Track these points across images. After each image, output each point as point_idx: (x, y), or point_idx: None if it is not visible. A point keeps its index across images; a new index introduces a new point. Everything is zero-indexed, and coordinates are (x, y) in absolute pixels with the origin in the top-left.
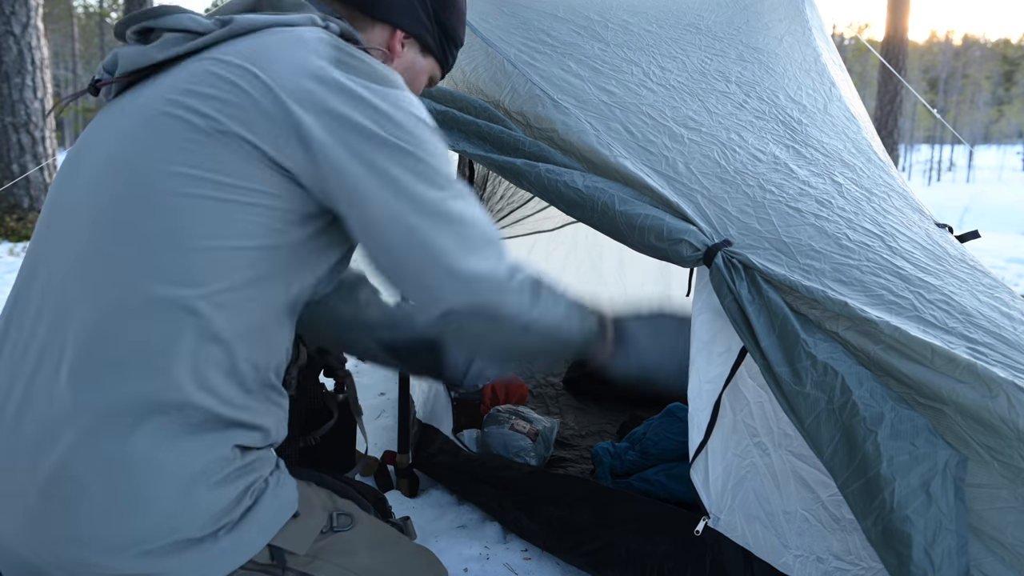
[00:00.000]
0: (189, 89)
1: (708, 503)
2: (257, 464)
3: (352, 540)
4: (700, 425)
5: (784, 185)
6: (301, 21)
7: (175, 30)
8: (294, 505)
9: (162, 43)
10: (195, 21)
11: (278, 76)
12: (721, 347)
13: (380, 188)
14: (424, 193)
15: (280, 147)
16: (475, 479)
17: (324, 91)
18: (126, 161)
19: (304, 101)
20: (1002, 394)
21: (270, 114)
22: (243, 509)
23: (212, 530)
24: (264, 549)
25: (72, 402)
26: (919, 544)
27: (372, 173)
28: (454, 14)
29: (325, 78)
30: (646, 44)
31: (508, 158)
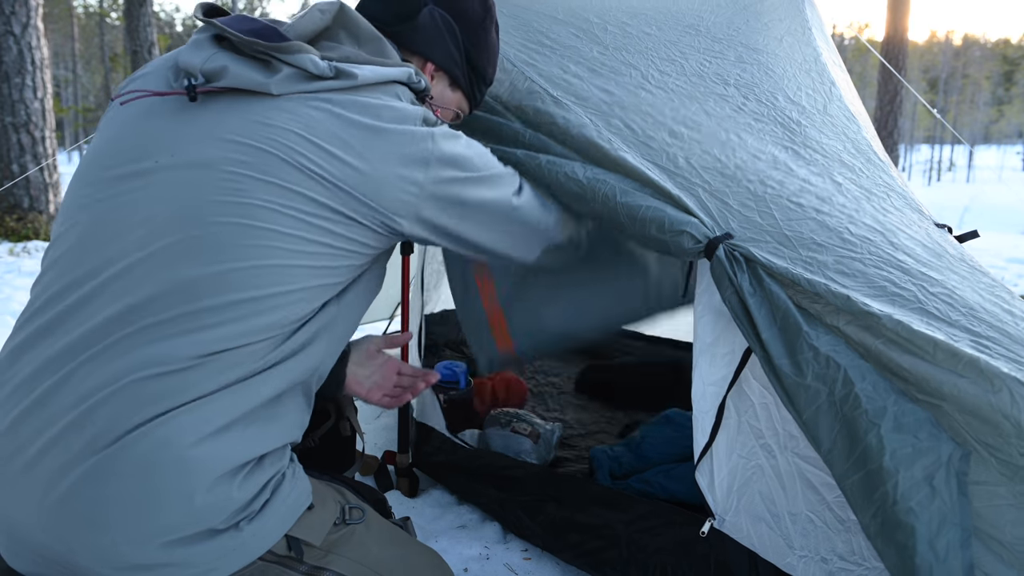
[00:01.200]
0: (307, 138)
1: (714, 504)
2: (277, 459)
3: (364, 534)
4: (704, 427)
5: (785, 182)
6: (400, 76)
7: (295, 67)
8: (309, 497)
9: (282, 80)
10: (315, 65)
11: (393, 156)
12: (724, 349)
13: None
14: (506, 194)
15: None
16: (475, 478)
17: (434, 166)
18: (230, 189)
19: (415, 176)
20: (1005, 389)
21: (384, 187)
22: (263, 501)
23: (235, 521)
24: (282, 540)
25: (114, 387)
26: (923, 536)
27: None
28: (485, 54)
29: (431, 153)
30: (645, 47)
31: (508, 149)
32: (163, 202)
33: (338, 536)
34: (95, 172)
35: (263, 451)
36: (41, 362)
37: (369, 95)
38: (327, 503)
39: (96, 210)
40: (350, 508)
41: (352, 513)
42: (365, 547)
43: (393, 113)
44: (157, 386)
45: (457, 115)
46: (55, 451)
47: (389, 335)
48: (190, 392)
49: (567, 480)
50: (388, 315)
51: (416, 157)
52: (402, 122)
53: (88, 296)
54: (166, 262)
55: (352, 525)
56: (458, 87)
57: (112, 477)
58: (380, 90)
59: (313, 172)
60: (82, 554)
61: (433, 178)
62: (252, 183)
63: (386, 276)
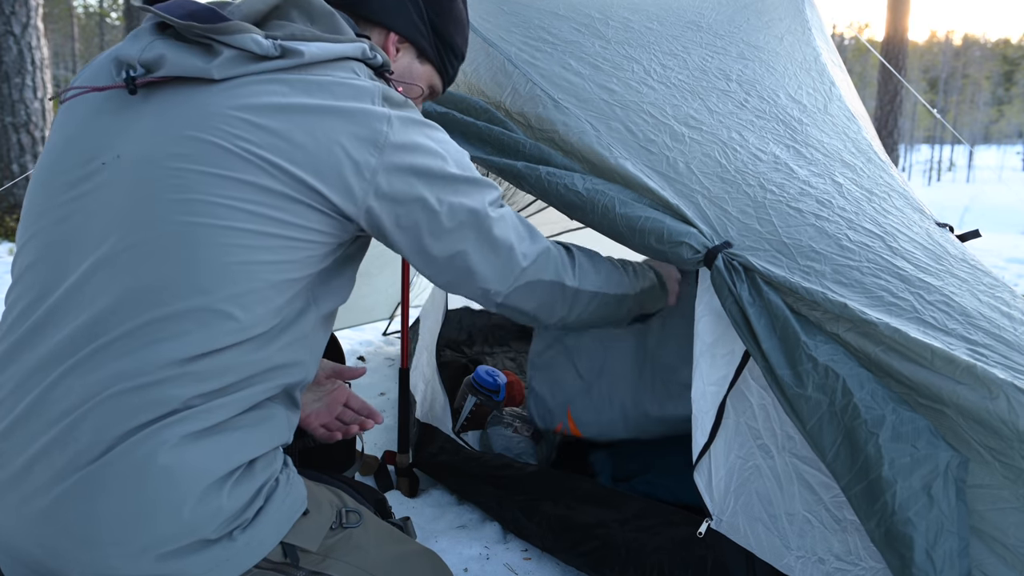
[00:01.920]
0: (251, 122)
1: (711, 505)
2: (269, 464)
3: (362, 538)
4: (704, 427)
5: (785, 185)
6: (353, 53)
7: (237, 48)
8: (304, 502)
9: (223, 63)
10: (258, 44)
11: (345, 139)
12: (724, 349)
13: (436, 217)
14: (482, 203)
15: (343, 198)
16: (475, 478)
17: (388, 151)
18: (177, 182)
19: (368, 160)
20: (1002, 395)
21: (333, 168)
22: (256, 508)
23: (228, 530)
24: (277, 547)
25: (92, 402)
26: (920, 546)
27: (433, 204)
28: (451, 21)
29: (388, 137)
30: (647, 41)
31: (509, 160)
32: (112, 206)
33: (335, 540)
34: (47, 177)
35: (251, 456)
36: (20, 377)
37: (319, 72)
38: (323, 507)
39: (52, 218)
40: (347, 512)
41: (349, 517)
42: (363, 550)
43: (345, 90)
44: (135, 399)
45: (430, 93)
46: (39, 467)
47: (340, 367)
48: (169, 403)
49: (562, 479)
50: (388, 315)
51: (368, 138)
52: (355, 99)
53: (54, 308)
54: (122, 270)
55: (349, 529)
56: (427, 59)
57: (100, 493)
58: (332, 67)
59: (260, 158)
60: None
61: (387, 165)
62: (196, 178)
63: (385, 275)
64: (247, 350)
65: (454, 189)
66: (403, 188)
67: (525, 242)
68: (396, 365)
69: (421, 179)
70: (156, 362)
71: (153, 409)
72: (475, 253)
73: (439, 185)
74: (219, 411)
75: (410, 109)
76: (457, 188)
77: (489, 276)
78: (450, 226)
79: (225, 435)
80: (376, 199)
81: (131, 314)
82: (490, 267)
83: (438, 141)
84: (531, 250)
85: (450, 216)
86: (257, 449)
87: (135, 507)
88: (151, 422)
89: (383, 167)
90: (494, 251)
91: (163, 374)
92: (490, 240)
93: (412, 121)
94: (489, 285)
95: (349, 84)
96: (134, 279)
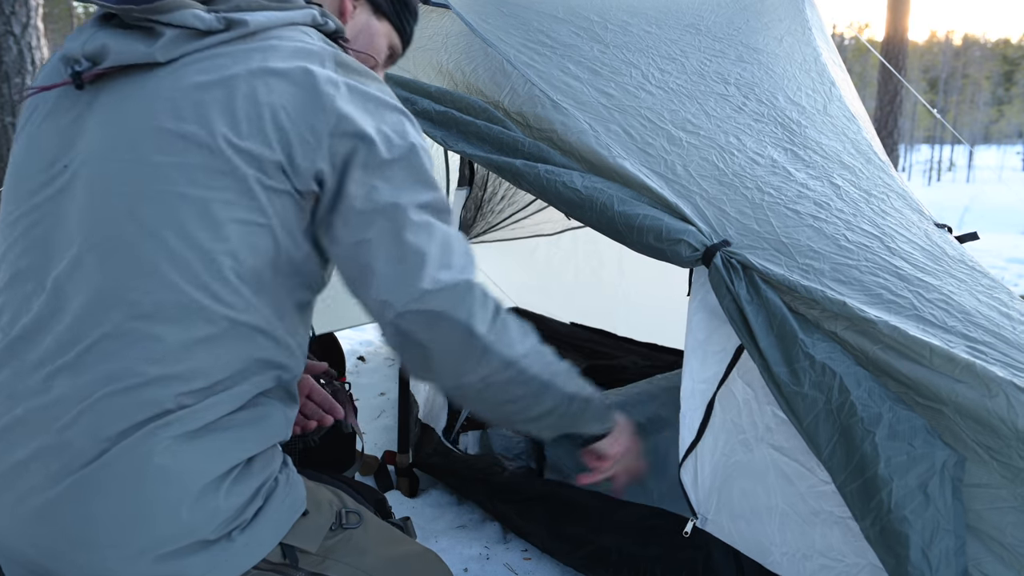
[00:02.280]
0: (198, 101)
1: (696, 503)
2: (267, 462)
3: (361, 539)
4: (692, 426)
5: (782, 188)
6: (302, 19)
7: (179, 27)
8: (303, 503)
9: (166, 44)
10: (200, 19)
11: (289, 102)
12: (716, 347)
13: (368, 198)
14: (410, 200)
15: (291, 167)
16: (471, 481)
17: (334, 114)
18: (138, 178)
19: (314, 124)
20: (1001, 394)
21: (280, 136)
22: (255, 509)
23: (226, 531)
24: (276, 547)
25: (84, 405)
26: (916, 545)
27: (364, 186)
28: None
29: (334, 101)
30: (645, 45)
31: (507, 158)
32: (76, 207)
33: (335, 541)
34: (15, 183)
35: (249, 454)
36: (12, 383)
37: (264, 39)
38: (322, 508)
39: (24, 224)
40: (347, 512)
41: (349, 517)
42: (362, 551)
43: (290, 52)
44: (126, 401)
45: (391, 55)
46: (35, 467)
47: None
48: (161, 403)
49: (557, 484)
50: None
51: (313, 102)
52: (301, 60)
53: (39, 315)
54: (92, 270)
55: (349, 530)
56: (383, 15)
57: (96, 495)
58: (279, 32)
59: (208, 137)
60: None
61: (330, 130)
62: (149, 170)
63: None
64: (227, 344)
65: (382, 174)
66: (334, 160)
67: (443, 267)
68: (396, 365)
69: (353, 154)
70: (140, 362)
71: (145, 410)
72: (379, 249)
73: (368, 166)
74: (213, 409)
75: (367, 79)
76: (385, 173)
77: (388, 283)
78: (362, 208)
79: (221, 433)
80: (320, 164)
81: (106, 315)
82: (391, 272)
83: (386, 121)
84: (446, 277)
85: (366, 200)
86: (255, 447)
87: (132, 509)
88: (144, 423)
89: (327, 132)
90: (400, 255)
91: (149, 375)
92: (400, 241)
93: (362, 93)
94: (385, 295)
95: (295, 47)
96: (103, 278)
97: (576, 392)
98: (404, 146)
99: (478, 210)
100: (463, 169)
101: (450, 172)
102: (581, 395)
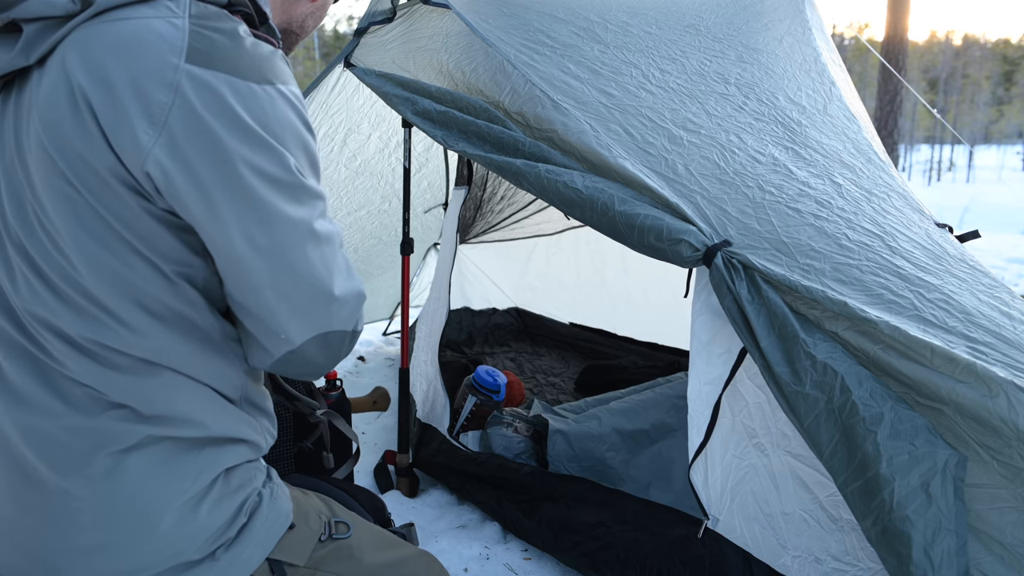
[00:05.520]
0: (49, 119)
1: (708, 504)
2: (249, 477)
3: (353, 546)
4: (700, 427)
5: (783, 186)
6: None
7: (30, 20)
8: (289, 517)
9: (25, 43)
10: (50, 5)
11: (131, 85)
12: (721, 348)
13: (237, 204)
14: (288, 211)
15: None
16: (473, 478)
17: (181, 96)
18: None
19: (157, 107)
20: (1002, 394)
21: (125, 131)
22: (239, 526)
23: (210, 550)
24: (263, 564)
25: (60, 425)
26: (919, 544)
27: (228, 185)
28: None
29: (179, 81)
30: (645, 46)
31: (508, 158)
32: None
33: (324, 552)
34: None
35: (225, 466)
36: None
37: (111, 17)
38: (310, 520)
39: None
40: (336, 522)
41: (338, 527)
42: (354, 559)
43: (133, 26)
44: (89, 432)
45: (321, 5)
46: (3, 500)
47: None
48: (124, 438)
49: (561, 480)
50: (388, 315)
51: (156, 80)
52: (144, 32)
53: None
54: None
55: (339, 540)
56: None
57: (70, 528)
58: (131, 8)
59: (67, 139)
60: None
61: (176, 119)
62: (30, 186)
63: (386, 276)
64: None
65: (261, 156)
66: (192, 149)
67: (344, 280)
68: (396, 365)
69: (222, 142)
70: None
71: (117, 441)
72: (268, 264)
73: (240, 150)
74: (190, 424)
75: (267, 50)
76: (263, 155)
77: (281, 309)
78: (246, 215)
79: (200, 449)
80: (154, 159)
81: None
82: (288, 298)
83: (251, 98)
84: (349, 288)
85: (244, 200)
86: (230, 460)
87: (113, 532)
88: (115, 451)
89: (173, 118)
90: (303, 278)
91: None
92: (302, 267)
93: (222, 59)
94: (276, 320)
95: (137, 19)
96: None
97: None
98: (285, 123)
99: (478, 210)
100: (461, 168)
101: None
102: None
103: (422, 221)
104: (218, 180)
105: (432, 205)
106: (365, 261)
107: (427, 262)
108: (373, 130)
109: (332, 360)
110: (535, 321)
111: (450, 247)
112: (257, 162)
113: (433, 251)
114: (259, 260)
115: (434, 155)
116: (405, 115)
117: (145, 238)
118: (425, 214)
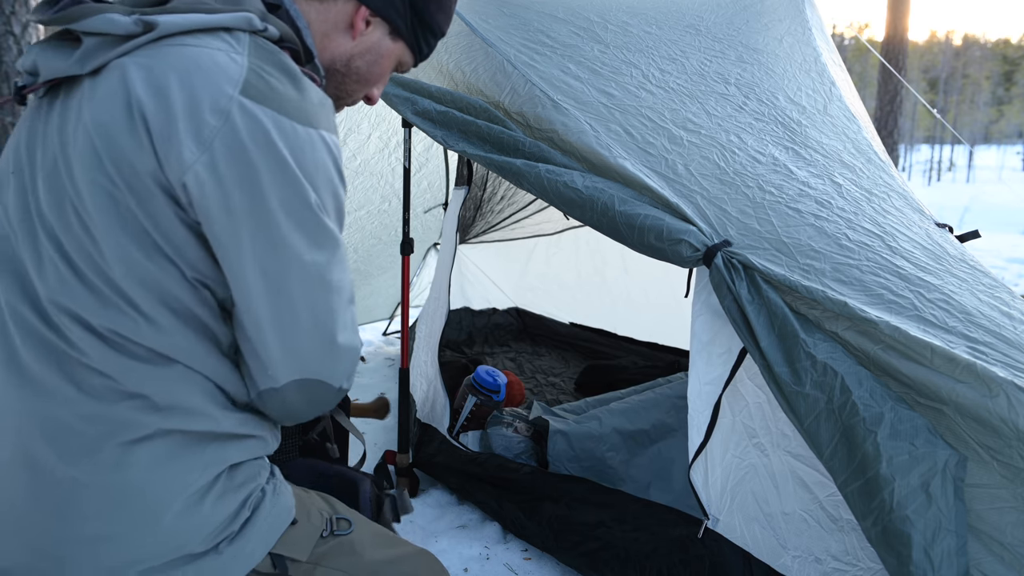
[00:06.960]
0: (102, 122)
1: (708, 504)
2: (254, 473)
3: (353, 543)
4: (700, 427)
5: (784, 186)
6: (232, 22)
7: (93, 33)
8: (292, 512)
9: (83, 54)
10: (113, 23)
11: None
12: (721, 348)
13: (257, 231)
14: (304, 251)
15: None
16: (474, 479)
17: (230, 123)
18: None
19: (205, 137)
20: (1002, 394)
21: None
22: (242, 521)
23: (214, 543)
24: (266, 558)
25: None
26: (919, 544)
27: (254, 212)
28: (434, 1)
29: (230, 111)
30: (646, 46)
31: (508, 158)
32: (7, 219)
33: (326, 548)
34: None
35: (231, 462)
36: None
37: (170, 43)
38: (312, 516)
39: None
40: (337, 519)
41: (340, 524)
42: (355, 555)
43: (197, 53)
44: (91, 426)
45: (396, 66)
46: (5, 481)
47: None
48: (135, 428)
49: (562, 480)
50: (388, 315)
51: (210, 104)
52: (206, 60)
53: None
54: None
55: (340, 536)
56: (399, 37)
57: (75, 518)
58: (192, 37)
59: (128, 144)
60: None
61: (220, 142)
62: (74, 181)
63: (386, 276)
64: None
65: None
66: (226, 184)
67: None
68: (396, 365)
69: (252, 178)
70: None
71: (122, 433)
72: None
73: (268, 189)
74: (197, 419)
75: (309, 92)
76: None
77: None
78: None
79: (207, 444)
80: (196, 176)
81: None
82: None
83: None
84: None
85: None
86: (237, 456)
87: (113, 528)
88: (122, 443)
89: (216, 142)
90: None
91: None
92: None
93: (263, 99)
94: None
95: (199, 52)
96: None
97: None
98: (321, 166)
99: (477, 210)
100: (461, 168)
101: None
102: None
103: (422, 221)
104: (246, 205)
105: (432, 205)
106: (365, 261)
107: (427, 262)
108: (373, 130)
109: (313, 409)
110: (535, 321)
111: (450, 247)
112: (285, 195)
113: (433, 251)
114: (266, 292)
115: (434, 155)
116: (405, 115)
117: (174, 242)
118: (425, 214)
